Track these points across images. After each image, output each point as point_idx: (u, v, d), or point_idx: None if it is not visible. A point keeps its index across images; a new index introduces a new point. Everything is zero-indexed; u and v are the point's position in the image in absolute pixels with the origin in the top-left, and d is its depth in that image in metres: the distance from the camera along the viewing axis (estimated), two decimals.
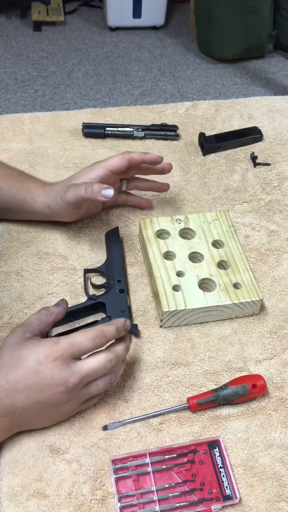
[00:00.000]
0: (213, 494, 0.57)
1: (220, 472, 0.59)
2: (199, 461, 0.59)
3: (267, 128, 1.06)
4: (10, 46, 2.93)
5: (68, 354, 0.56)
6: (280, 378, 0.68)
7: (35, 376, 0.55)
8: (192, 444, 0.60)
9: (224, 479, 0.58)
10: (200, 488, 0.58)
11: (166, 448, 0.60)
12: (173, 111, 1.09)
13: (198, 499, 0.57)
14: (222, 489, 0.58)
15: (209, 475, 0.59)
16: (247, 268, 0.76)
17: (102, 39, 3.04)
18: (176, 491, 0.57)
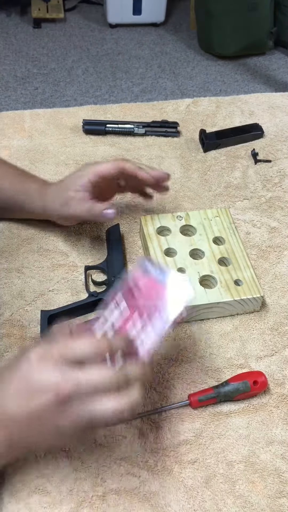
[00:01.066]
0: (172, 300, 0.57)
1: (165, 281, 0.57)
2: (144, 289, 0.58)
3: (268, 125, 1.06)
4: (10, 43, 2.92)
5: (60, 356, 0.48)
6: (281, 375, 0.68)
7: (24, 379, 0.48)
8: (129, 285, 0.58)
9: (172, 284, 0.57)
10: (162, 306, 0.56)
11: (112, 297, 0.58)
12: (173, 108, 1.09)
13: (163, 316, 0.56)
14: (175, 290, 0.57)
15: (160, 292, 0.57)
16: (248, 265, 0.75)
17: (102, 36, 3.03)
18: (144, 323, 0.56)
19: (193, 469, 0.60)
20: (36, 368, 0.48)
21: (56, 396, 0.47)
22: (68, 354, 0.48)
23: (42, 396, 0.47)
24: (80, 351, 0.48)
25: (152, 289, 0.57)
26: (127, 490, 0.58)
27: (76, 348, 0.48)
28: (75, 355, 0.48)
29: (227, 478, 0.59)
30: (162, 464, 0.60)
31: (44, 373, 0.48)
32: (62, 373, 0.47)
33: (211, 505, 0.57)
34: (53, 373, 0.47)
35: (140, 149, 0.99)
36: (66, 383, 0.47)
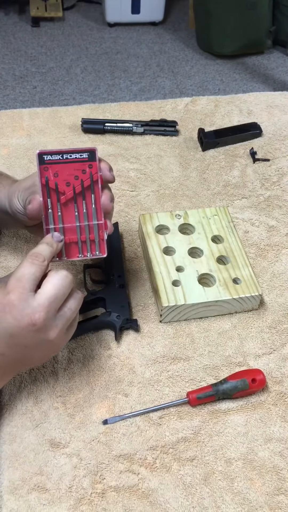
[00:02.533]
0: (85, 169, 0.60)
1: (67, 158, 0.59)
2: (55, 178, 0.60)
3: (266, 124, 1.06)
4: (8, 42, 2.92)
5: (20, 291, 0.53)
6: (280, 373, 0.68)
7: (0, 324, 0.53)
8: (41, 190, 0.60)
9: (73, 156, 0.59)
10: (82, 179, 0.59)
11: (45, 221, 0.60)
12: (172, 106, 1.09)
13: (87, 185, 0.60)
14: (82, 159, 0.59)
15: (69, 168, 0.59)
16: (247, 264, 0.76)
17: (100, 35, 3.03)
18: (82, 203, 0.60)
19: (192, 467, 0.60)
20: (5, 312, 0.52)
21: (35, 326, 0.52)
22: (22, 285, 0.53)
23: (23, 331, 0.53)
24: (32, 276, 0.54)
25: (63, 174, 0.59)
26: (126, 487, 0.58)
27: (25, 275, 0.53)
28: (29, 282, 0.53)
29: (226, 475, 0.59)
30: (161, 462, 0.60)
31: (14, 312, 0.52)
32: (29, 305, 0.52)
33: (209, 502, 0.57)
34: (23, 309, 0.52)
35: (139, 148, 0.99)
36: (37, 312, 0.52)
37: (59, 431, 0.62)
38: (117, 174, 0.94)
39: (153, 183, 0.93)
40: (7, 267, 0.78)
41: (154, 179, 0.94)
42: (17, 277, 0.53)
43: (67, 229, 0.60)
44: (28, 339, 0.54)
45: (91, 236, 0.61)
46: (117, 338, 0.70)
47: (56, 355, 0.68)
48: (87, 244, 0.61)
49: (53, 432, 0.61)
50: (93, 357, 0.69)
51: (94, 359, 0.69)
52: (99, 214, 0.61)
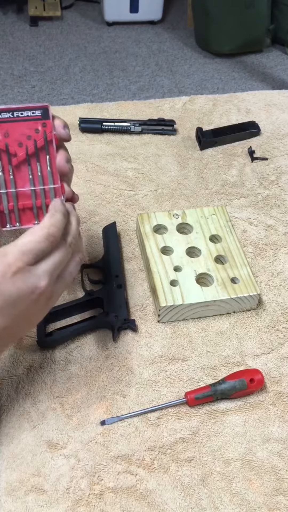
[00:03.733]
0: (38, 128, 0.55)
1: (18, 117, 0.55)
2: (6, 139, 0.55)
3: (264, 123, 1.05)
4: (6, 41, 2.92)
5: (23, 263, 0.50)
6: (278, 373, 0.68)
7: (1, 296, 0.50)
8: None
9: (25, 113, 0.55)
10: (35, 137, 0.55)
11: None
12: (170, 105, 1.09)
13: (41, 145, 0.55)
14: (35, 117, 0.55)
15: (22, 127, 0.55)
16: (245, 263, 0.75)
17: (99, 34, 3.03)
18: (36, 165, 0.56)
19: (190, 467, 0.60)
20: (6, 284, 0.49)
21: (39, 294, 0.51)
22: (29, 256, 0.50)
23: (26, 300, 0.50)
24: (41, 253, 0.51)
25: (14, 133, 0.55)
26: (124, 489, 0.58)
27: (33, 248, 0.50)
28: (35, 254, 0.50)
29: (224, 476, 0.59)
30: (159, 462, 0.60)
31: (18, 283, 0.49)
32: (32, 274, 0.50)
33: (207, 503, 0.57)
34: (25, 279, 0.50)
35: (137, 147, 0.99)
36: (41, 280, 0.51)
37: (56, 432, 0.61)
38: (115, 173, 0.94)
39: (151, 182, 0.93)
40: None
41: (152, 178, 0.93)
42: (24, 251, 0.50)
43: (21, 194, 0.56)
44: (31, 306, 0.52)
45: (47, 201, 0.56)
46: (115, 339, 0.70)
47: (54, 356, 0.68)
48: (43, 210, 0.57)
49: (50, 433, 0.61)
50: (91, 358, 0.68)
51: (91, 359, 0.68)
52: (55, 177, 0.56)
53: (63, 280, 0.54)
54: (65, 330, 0.69)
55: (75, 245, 0.55)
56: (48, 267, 0.51)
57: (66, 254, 0.53)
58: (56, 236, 0.52)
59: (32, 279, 0.50)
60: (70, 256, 0.54)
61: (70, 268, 0.55)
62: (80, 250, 0.57)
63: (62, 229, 0.53)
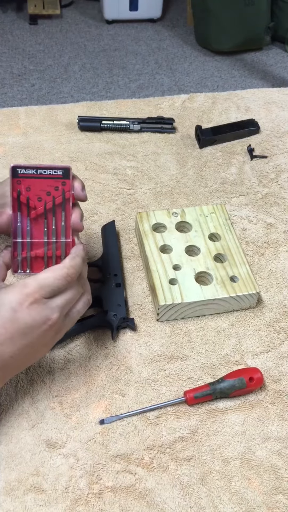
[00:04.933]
0: (58, 186, 0.59)
1: (42, 174, 0.59)
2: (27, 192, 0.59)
3: (264, 121, 1.05)
4: (6, 39, 2.91)
5: (41, 296, 0.54)
6: (277, 371, 0.68)
7: (14, 324, 0.54)
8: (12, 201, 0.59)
9: (48, 172, 0.59)
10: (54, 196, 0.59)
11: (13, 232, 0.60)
12: (169, 104, 1.09)
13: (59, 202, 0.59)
14: (56, 176, 0.59)
15: (43, 184, 0.59)
16: (244, 261, 0.75)
17: (98, 32, 3.02)
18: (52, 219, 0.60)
19: (189, 466, 0.60)
20: (22, 312, 0.54)
21: (49, 325, 0.55)
22: (46, 290, 0.55)
23: (37, 330, 0.55)
24: (57, 289, 0.55)
25: (36, 188, 0.59)
26: (123, 488, 0.58)
27: (52, 284, 0.55)
28: (53, 290, 0.55)
29: (223, 475, 0.59)
30: (158, 461, 0.60)
31: (33, 313, 0.54)
32: (47, 307, 0.55)
33: (207, 502, 0.57)
34: (40, 310, 0.54)
35: (136, 145, 0.99)
36: (54, 313, 0.55)
37: (55, 431, 0.61)
38: (114, 172, 0.94)
39: (150, 181, 0.92)
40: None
41: (151, 176, 0.93)
42: (42, 285, 0.55)
43: (35, 243, 0.60)
44: (40, 338, 0.56)
45: (57, 252, 0.61)
46: (113, 337, 0.70)
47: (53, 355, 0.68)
48: (53, 260, 0.61)
49: (49, 433, 0.61)
50: (90, 357, 0.68)
51: (90, 358, 0.68)
52: (68, 232, 0.61)
53: (71, 317, 0.59)
54: None
55: (85, 286, 0.60)
56: (61, 303, 0.56)
57: (77, 294, 0.58)
58: (73, 277, 0.56)
59: (46, 311, 0.55)
60: (79, 296, 0.59)
61: (78, 307, 0.59)
62: (88, 291, 0.61)
63: (79, 272, 0.57)
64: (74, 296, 0.58)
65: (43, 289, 0.55)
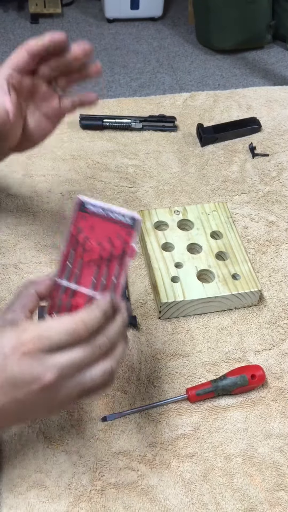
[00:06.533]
0: (122, 235, 0.51)
1: (108, 216, 0.52)
2: (89, 231, 0.52)
3: (265, 119, 1.05)
4: (7, 39, 2.91)
5: (37, 348, 0.45)
6: (279, 368, 0.68)
7: (3, 372, 0.45)
8: (71, 231, 0.53)
9: (116, 217, 0.52)
10: (113, 246, 0.52)
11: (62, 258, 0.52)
12: (171, 102, 1.09)
13: (119, 254, 0.51)
14: (122, 223, 0.52)
15: (106, 229, 0.52)
16: (246, 259, 0.75)
17: (100, 31, 3.02)
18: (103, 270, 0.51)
19: (191, 463, 0.60)
20: (13, 361, 0.45)
21: (41, 386, 0.45)
22: (45, 344, 0.45)
23: (26, 387, 0.45)
24: (57, 339, 0.45)
25: (98, 230, 0.52)
26: (125, 484, 0.58)
27: (52, 337, 0.45)
28: (52, 344, 0.45)
29: (225, 472, 0.59)
30: (160, 458, 0.60)
31: (23, 365, 0.45)
32: (41, 363, 0.45)
33: (209, 498, 0.57)
34: (32, 365, 0.45)
35: (138, 144, 0.99)
36: (48, 372, 0.45)
37: (58, 428, 0.61)
38: (115, 170, 0.94)
39: (152, 179, 0.93)
40: (5, 265, 0.78)
41: (153, 175, 0.93)
42: (42, 336, 0.45)
43: (79, 293, 0.52)
44: (31, 396, 0.46)
45: None
46: None
47: None
48: None
49: (52, 430, 0.61)
50: None
51: None
52: (117, 291, 0.51)
53: (79, 382, 0.47)
54: None
55: (109, 349, 0.48)
56: (62, 362, 0.45)
57: (90, 355, 0.46)
58: (81, 334, 0.46)
59: (38, 369, 0.45)
60: (95, 359, 0.47)
61: (93, 373, 0.47)
62: (115, 358, 0.48)
63: (91, 328, 0.47)
64: (83, 358, 0.46)
65: (41, 340, 0.45)
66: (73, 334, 0.45)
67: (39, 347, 0.45)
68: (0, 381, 0.45)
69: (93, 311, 0.47)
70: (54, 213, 0.85)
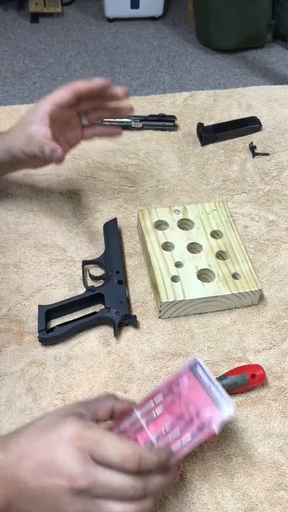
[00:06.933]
0: (211, 413, 0.53)
1: (209, 389, 0.55)
2: (186, 390, 0.55)
3: (266, 118, 1.05)
4: (7, 38, 2.91)
5: (89, 449, 0.45)
6: (279, 368, 0.68)
7: (49, 453, 0.46)
8: (173, 379, 0.56)
9: (215, 395, 0.54)
10: (197, 415, 0.54)
11: (150, 394, 0.55)
12: (171, 101, 1.09)
13: (198, 426, 0.53)
14: (217, 404, 0.54)
15: (201, 398, 0.54)
16: (246, 259, 0.75)
17: (100, 30, 3.02)
18: (176, 429, 0.53)
19: (192, 463, 0.60)
20: (64, 448, 0.45)
21: (70, 485, 0.44)
22: (99, 451, 0.45)
23: (58, 480, 0.45)
24: (111, 455, 0.45)
25: (194, 394, 0.54)
26: None
27: (108, 450, 0.45)
28: (104, 456, 0.45)
29: (225, 471, 0.59)
30: None
31: (69, 457, 0.45)
32: (85, 466, 0.45)
33: (209, 498, 0.57)
34: (77, 462, 0.45)
35: (138, 143, 0.99)
36: (84, 477, 0.44)
37: None
38: (115, 169, 0.94)
39: (152, 178, 0.92)
40: (5, 264, 0.78)
41: (153, 174, 0.93)
42: (99, 441, 0.45)
43: (143, 432, 0.53)
44: (55, 490, 0.45)
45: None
46: (116, 334, 0.70)
47: (55, 352, 0.68)
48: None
49: None
50: (92, 354, 0.68)
51: (93, 355, 0.68)
52: (177, 455, 0.51)
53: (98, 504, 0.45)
54: (66, 326, 0.69)
55: (139, 497, 0.46)
56: (99, 476, 0.45)
57: (124, 491, 0.45)
58: (132, 465, 0.45)
59: (78, 468, 0.45)
60: (125, 498, 0.46)
61: (115, 506, 0.45)
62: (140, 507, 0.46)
63: (143, 467, 0.46)
64: (118, 488, 0.45)
65: (97, 445, 0.45)
66: (126, 459, 0.45)
67: (92, 449, 0.45)
68: (41, 459, 0.46)
69: (152, 453, 0.47)
70: (54, 212, 0.85)
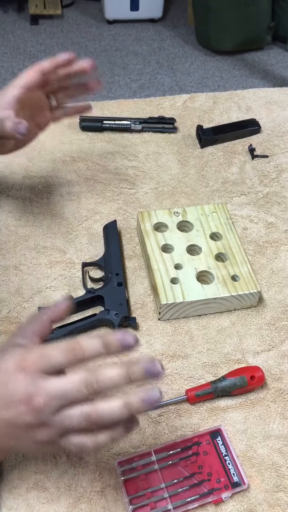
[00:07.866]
0: (222, 483, 0.57)
1: (226, 460, 0.59)
2: (203, 452, 0.59)
3: (265, 120, 1.05)
4: (7, 40, 2.91)
5: (36, 366, 0.46)
6: (279, 370, 0.68)
7: (1, 388, 0.46)
8: (195, 436, 0.61)
9: (230, 467, 0.59)
10: (208, 479, 0.58)
11: (170, 443, 0.60)
12: (170, 103, 1.09)
13: (208, 490, 0.57)
14: (230, 476, 0.58)
15: (215, 465, 0.59)
16: (245, 260, 0.76)
17: (99, 32, 3.02)
18: (185, 485, 0.57)
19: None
20: (11, 377, 0.46)
21: (29, 407, 0.45)
22: (45, 362, 0.46)
23: (15, 407, 0.45)
24: (56, 358, 0.46)
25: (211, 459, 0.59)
26: None
27: (52, 356, 0.46)
28: (51, 363, 0.46)
29: None
30: None
31: (18, 383, 0.45)
32: (35, 384, 0.45)
33: None
34: (27, 383, 0.45)
35: (137, 145, 0.99)
36: (38, 393, 0.45)
37: None
38: (115, 171, 0.94)
39: (152, 180, 0.93)
40: (4, 266, 0.78)
41: (153, 176, 0.93)
42: (42, 353, 0.46)
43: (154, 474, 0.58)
44: (18, 418, 0.46)
45: None
46: None
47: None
48: None
49: None
50: None
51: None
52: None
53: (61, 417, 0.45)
54: (66, 328, 0.69)
55: (94, 392, 0.45)
56: (53, 388, 0.45)
57: (80, 389, 0.45)
58: (77, 355, 0.45)
59: (31, 388, 0.45)
60: (78, 396, 0.45)
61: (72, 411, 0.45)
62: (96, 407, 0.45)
63: (88, 352, 0.46)
64: (71, 389, 0.45)
65: (41, 359, 0.46)
66: (68, 352, 0.45)
67: (39, 365, 0.46)
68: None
69: (92, 337, 0.47)
70: (54, 214, 0.85)
